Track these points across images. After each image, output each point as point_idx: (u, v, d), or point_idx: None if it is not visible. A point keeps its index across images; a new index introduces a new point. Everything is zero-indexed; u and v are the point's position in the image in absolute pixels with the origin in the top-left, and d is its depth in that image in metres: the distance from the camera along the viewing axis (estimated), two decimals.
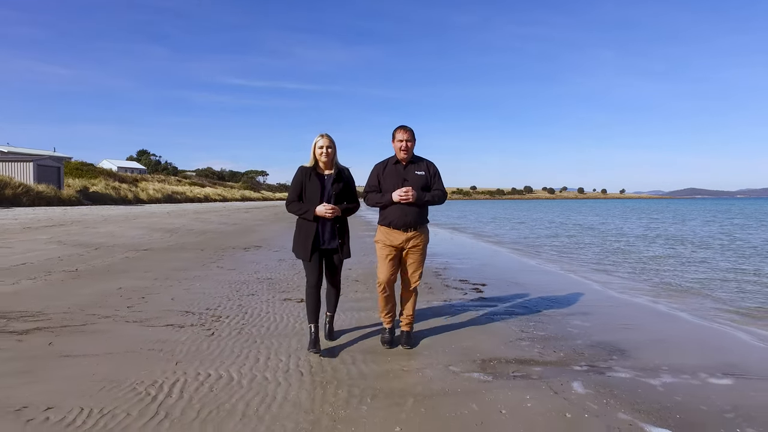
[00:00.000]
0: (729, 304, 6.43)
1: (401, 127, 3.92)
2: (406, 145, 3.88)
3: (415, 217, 3.86)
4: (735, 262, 11.09)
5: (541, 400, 3.02)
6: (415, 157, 4.02)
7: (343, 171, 3.97)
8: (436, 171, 4.04)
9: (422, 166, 3.99)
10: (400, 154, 3.92)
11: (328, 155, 3.82)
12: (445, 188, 4.05)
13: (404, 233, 3.88)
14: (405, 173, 3.92)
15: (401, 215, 3.84)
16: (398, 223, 3.86)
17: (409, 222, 3.85)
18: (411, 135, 3.90)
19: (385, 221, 3.94)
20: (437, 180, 4.01)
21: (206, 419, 2.70)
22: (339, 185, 3.88)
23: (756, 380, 3.44)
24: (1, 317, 4.76)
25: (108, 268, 7.97)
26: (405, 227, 3.86)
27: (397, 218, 3.85)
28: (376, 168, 4.05)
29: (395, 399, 3.00)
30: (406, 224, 3.85)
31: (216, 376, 3.34)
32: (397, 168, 3.96)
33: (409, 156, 3.94)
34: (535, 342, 4.26)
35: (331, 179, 3.87)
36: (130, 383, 3.18)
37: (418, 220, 3.88)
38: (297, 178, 3.90)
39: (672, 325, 5.12)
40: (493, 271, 8.80)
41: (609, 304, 6.05)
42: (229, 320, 4.83)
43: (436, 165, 4.07)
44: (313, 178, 3.84)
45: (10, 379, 3.22)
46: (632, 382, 3.35)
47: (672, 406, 2.95)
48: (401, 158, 3.94)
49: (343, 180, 3.93)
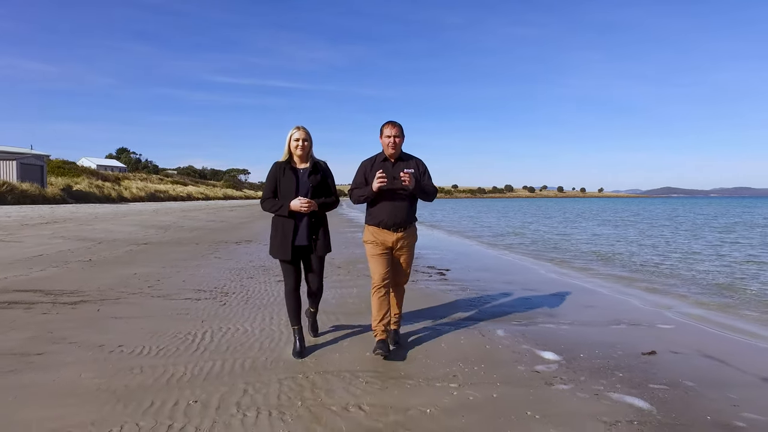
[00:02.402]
0: (642, 280, 7.81)
1: (389, 123, 3.79)
2: (394, 141, 3.74)
3: (405, 215, 3.77)
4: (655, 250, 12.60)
5: (471, 339, 4.25)
6: (404, 154, 3.90)
7: (320, 164, 3.83)
8: (426, 168, 3.95)
9: (411, 163, 3.87)
10: (388, 150, 3.78)
11: (303, 148, 3.68)
12: (434, 185, 3.99)
13: (394, 233, 3.78)
14: (394, 171, 3.78)
15: (391, 215, 3.73)
16: (388, 223, 3.74)
17: (400, 221, 3.76)
18: (399, 130, 3.77)
19: (374, 221, 3.81)
20: (427, 178, 3.93)
21: (234, 350, 3.85)
22: (316, 177, 3.73)
23: (632, 327, 4.74)
24: (48, 293, 5.81)
25: (117, 259, 8.98)
26: (395, 227, 3.76)
27: (387, 218, 3.74)
28: (363, 165, 3.90)
29: (366, 335, 4.19)
30: (397, 224, 3.75)
31: (234, 329, 4.47)
32: (385, 165, 3.81)
33: (397, 152, 3.81)
34: (477, 305, 5.51)
35: (306, 173, 3.72)
36: (172, 333, 4.31)
37: (408, 219, 3.80)
38: (271, 174, 3.77)
39: (587, 295, 6.43)
40: (457, 257, 10.07)
41: (542, 281, 7.35)
42: (236, 295, 5.96)
43: (425, 162, 3.98)
44: (287, 173, 3.71)
45: (80, 330, 4.31)
46: (539, 329, 4.61)
47: (561, 341, 4.21)
48: (389, 155, 3.81)
49: (320, 172, 3.78)
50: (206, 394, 2.99)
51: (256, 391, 3.05)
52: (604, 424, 2.68)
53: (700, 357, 3.92)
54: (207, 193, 68.38)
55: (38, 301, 5.43)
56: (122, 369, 3.39)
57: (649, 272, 9.08)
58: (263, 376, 3.30)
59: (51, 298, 5.56)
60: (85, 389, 3.04)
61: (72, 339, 4.05)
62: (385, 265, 3.80)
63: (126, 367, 3.43)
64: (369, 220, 3.87)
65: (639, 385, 3.26)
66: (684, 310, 5.74)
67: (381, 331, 3.77)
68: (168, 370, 3.39)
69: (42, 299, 5.51)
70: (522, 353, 3.89)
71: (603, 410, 2.85)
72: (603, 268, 9.55)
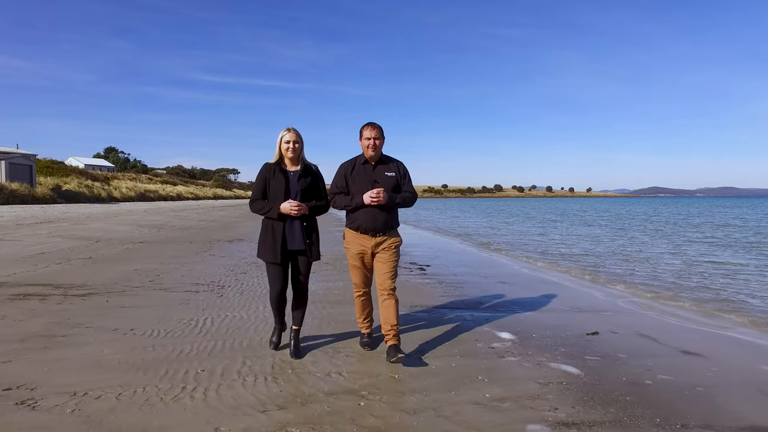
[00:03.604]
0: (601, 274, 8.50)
1: (369, 124, 3.74)
2: (374, 143, 3.70)
3: (384, 222, 3.71)
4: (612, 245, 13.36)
5: (441, 323, 4.85)
6: (384, 157, 3.86)
7: (311, 167, 3.81)
8: (406, 172, 3.90)
9: (392, 167, 3.83)
10: (368, 152, 3.74)
11: (294, 150, 3.65)
12: (414, 190, 3.93)
13: (373, 238, 3.73)
14: (375, 174, 3.76)
15: (370, 220, 3.68)
16: (367, 228, 3.70)
17: (378, 227, 3.70)
18: (379, 132, 3.73)
19: (353, 225, 3.78)
20: (407, 181, 3.87)
21: (232, 332, 4.41)
22: (306, 180, 3.70)
23: (584, 313, 5.39)
24: (58, 287, 6.32)
25: (116, 256, 9.47)
26: (374, 232, 3.71)
27: (366, 222, 3.69)
28: (343, 168, 3.85)
29: (350, 318, 4.77)
30: (375, 229, 3.70)
31: (232, 316, 5.03)
32: (366, 168, 3.78)
33: (377, 155, 3.77)
34: (451, 296, 6.12)
35: (297, 175, 3.70)
36: (176, 319, 4.86)
37: (387, 225, 3.74)
38: (261, 175, 3.73)
39: (551, 286, 7.08)
40: (438, 254, 10.70)
41: (513, 275, 8.00)
42: (231, 288, 6.51)
43: (405, 165, 3.94)
44: (277, 175, 3.68)
45: (94, 317, 4.85)
46: (502, 314, 5.23)
47: (519, 324, 4.83)
48: (369, 157, 3.76)
49: (311, 175, 3.76)
50: (211, 365, 3.55)
51: (253, 363, 3.62)
52: (539, 384, 3.29)
53: (636, 336, 4.56)
54: (197, 193, 68.48)
55: (50, 293, 5.94)
56: (137, 347, 3.94)
57: (611, 268, 9.78)
58: (258, 352, 3.87)
59: (61, 291, 6.07)
60: (108, 362, 3.59)
61: (88, 324, 4.59)
62: (360, 275, 3.86)
63: (140, 345, 3.99)
64: (348, 224, 3.85)
65: (576, 357, 3.89)
66: (633, 300, 6.43)
67: (365, 327, 4.02)
68: (177, 348, 3.95)
69: (53, 292, 6.02)
70: (483, 333, 4.51)
71: (540, 375, 3.47)
72: (570, 264, 10.25)
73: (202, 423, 2.66)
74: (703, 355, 4.01)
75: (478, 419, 2.75)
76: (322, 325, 4.71)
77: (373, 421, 2.71)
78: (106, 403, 2.88)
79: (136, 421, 2.66)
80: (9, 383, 3.15)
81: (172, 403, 2.91)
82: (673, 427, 2.69)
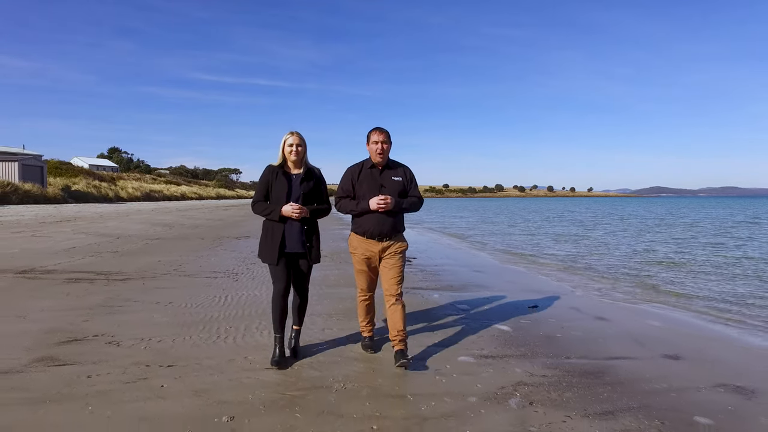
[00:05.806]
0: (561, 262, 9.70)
1: (377, 129, 3.77)
2: (382, 148, 3.74)
3: (391, 227, 3.75)
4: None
5: (415, 299, 6.07)
6: (391, 161, 3.90)
7: (314, 170, 3.83)
8: (413, 177, 3.93)
9: (399, 171, 3.87)
10: (375, 157, 3.77)
11: (297, 153, 3.70)
12: (420, 194, 3.97)
13: (379, 243, 3.77)
14: (382, 179, 3.79)
15: (376, 225, 3.72)
16: (373, 233, 3.74)
17: (385, 232, 3.74)
18: (387, 137, 3.77)
19: (359, 230, 3.81)
20: (414, 186, 3.91)
21: (249, 305, 5.64)
22: (308, 184, 3.74)
23: (534, 292, 6.60)
24: (100, 274, 7.56)
25: (139, 250, 10.71)
26: (380, 237, 3.75)
27: (372, 227, 3.73)
28: (350, 171, 3.88)
29: (349, 303, 5.98)
30: (382, 234, 3.74)
31: (248, 294, 6.25)
32: (372, 173, 3.81)
33: (385, 159, 3.80)
34: (428, 281, 7.35)
35: (299, 179, 3.74)
36: (203, 296, 6.08)
37: (393, 230, 3.77)
38: (264, 177, 3.78)
39: (517, 275, 8.30)
40: (426, 248, 11.93)
41: (487, 266, 9.21)
42: (245, 275, 7.74)
43: (412, 170, 3.98)
44: (280, 177, 3.72)
45: (138, 295, 6.08)
46: (465, 294, 6.45)
47: (476, 300, 6.04)
48: (377, 162, 3.79)
49: (313, 179, 3.79)
50: (235, 324, 4.78)
51: (267, 323, 4.84)
52: (475, 335, 4.52)
53: (566, 309, 5.78)
54: (200, 193, 69.88)
55: (95, 278, 7.18)
56: (178, 313, 5.18)
57: (576, 261, 11.00)
58: (270, 317, 5.09)
59: (104, 277, 7.31)
60: (159, 322, 4.82)
61: (135, 299, 5.82)
62: (366, 280, 3.91)
63: (180, 312, 5.22)
64: (354, 228, 3.87)
65: (512, 320, 5.11)
66: (583, 284, 7.66)
67: (367, 331, 4.15)
68: (208, 314, 5.18)
69: (97, 277, 7.25)
70: (445, 306, 5.74)
71: (479, 330, 4.70)
72: (545, 260, 11.47)
73: (235, 354, 3.89)
74: (609, 319, 5.26)
75: (425, 353, 3.98)
76: (320, 300, 5.94)
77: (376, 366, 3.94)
78: (165, 344, 4.12)
79: (188, 353, 3.89)
80: (96, 332, 4.40)
81: (212, 344, 4.15)
82: (559, 358, 3.91)
